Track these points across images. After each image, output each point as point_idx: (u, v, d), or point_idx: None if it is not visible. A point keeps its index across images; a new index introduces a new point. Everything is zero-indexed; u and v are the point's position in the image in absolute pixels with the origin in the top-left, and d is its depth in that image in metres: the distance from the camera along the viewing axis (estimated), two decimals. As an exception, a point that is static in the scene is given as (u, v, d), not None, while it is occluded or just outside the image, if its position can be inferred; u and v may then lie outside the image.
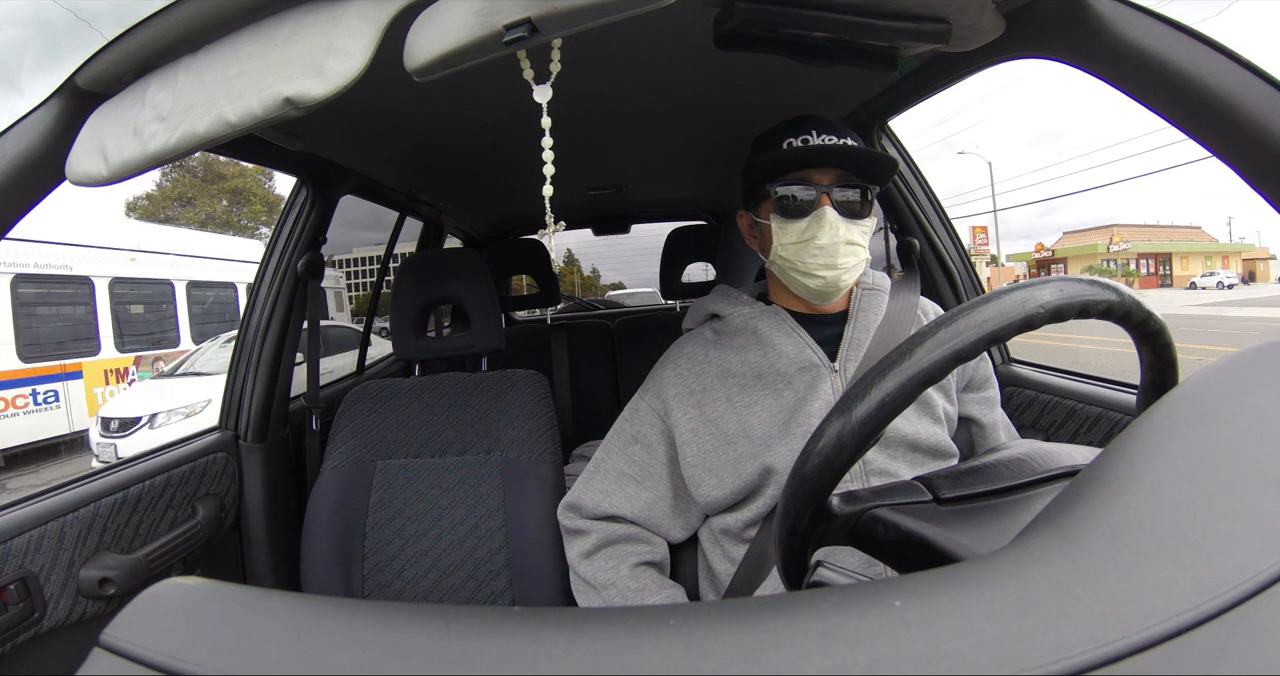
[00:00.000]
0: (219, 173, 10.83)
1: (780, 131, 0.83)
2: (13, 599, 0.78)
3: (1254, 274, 40.68)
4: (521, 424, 1.14)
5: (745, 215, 0.89)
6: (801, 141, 0.81)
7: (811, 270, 0.79)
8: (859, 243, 0.80)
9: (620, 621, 0.24)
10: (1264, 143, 0.53)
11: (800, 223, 0.79)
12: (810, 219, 0.79)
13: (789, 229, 0.80)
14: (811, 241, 0.79)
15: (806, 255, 0.79)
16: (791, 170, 0.80)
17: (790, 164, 0.80)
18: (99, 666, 0.25)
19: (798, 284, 0.83)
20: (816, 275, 0.80)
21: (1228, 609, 0.22)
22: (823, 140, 0.80)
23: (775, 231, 0.81)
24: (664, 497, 0.87)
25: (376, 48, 0.53)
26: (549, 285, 2.40)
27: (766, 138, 0.86)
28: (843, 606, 0.24)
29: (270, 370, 1.25)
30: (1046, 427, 1.10)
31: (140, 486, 0.98)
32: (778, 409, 0.80)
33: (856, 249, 0.80)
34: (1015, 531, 0.31)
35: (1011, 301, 0.40)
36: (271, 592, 0.29)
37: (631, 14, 0.47)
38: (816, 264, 0.79)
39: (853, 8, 0.64)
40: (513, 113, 1.14)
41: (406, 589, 1.07)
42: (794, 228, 0.80)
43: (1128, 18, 0.59)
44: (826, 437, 0.41)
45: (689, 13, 0.66)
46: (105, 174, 0.61)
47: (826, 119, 0.83)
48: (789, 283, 0.84)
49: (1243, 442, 0.30)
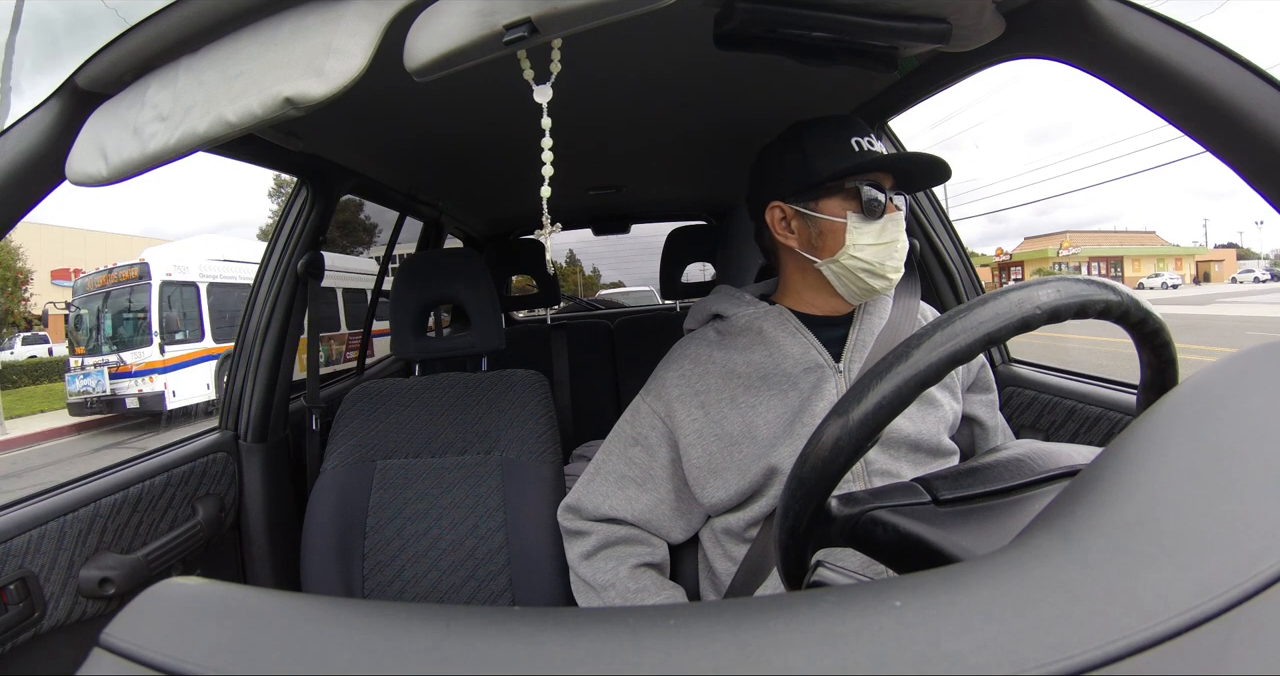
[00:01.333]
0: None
1: (838, 128, 0.83)
2: (13, 599, 0.78)
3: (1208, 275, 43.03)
4: (521, 424, 1.14)
5: (779, 207, 0.85)
6: (868, 144, 0.81)
7: (886, 272, 0.80)
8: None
9: (620, 621, 0.24)
10: (1264, 143, 0.53)
11: (877, 224, 0.80)
12: (885, 220, 0.80)
13: (866, 230, 0.79)
14: (893, 243, 0.80)
15: (886, 257, 0.80)
16: (869, 172, 0.80)
17: (873, 167, 0.80)
18: (99, 666, 0.25)
19: (860, 284, 0.81)
20: (888, 277, 0.81)
21: (1228, 609, 0.22)
22: (878, 146, 0.82)
23: (851, 230, 0.79)
24: (665, 500, 0.87)
25: (376, 48, 0.53)
26: (549, 285, 2.40)
27: (818, 132, 0.83)
28: (843, 606, 0.24)
29: (270, 370, 1.25)
30: (1046, 427, 1.10)
31: (140, 486, 0.98)
32: (783, 409, 0.80)
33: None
34: (1014, 532, 0.31)
35: (1008, 303, 0.40)
36: (271, 592, 0.29)
37: (631, 14, 0.47)
38: (892, 266, 0.80)
39: (852, 8, 0.64)
40: (513, 113, 1.14)
41: (406, 589, 1.07)
42: (871, 229, 0.79)
43: (1128, 18, 0.59)
44: (825, 440, 0.41)
45: (689, 13, 0.66)
46: (105, 174, 0.61)
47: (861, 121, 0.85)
48: (849, 282, 0.82)
49: (1243, 442, 0.30)
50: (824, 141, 0.82)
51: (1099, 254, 39.35)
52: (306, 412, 1.36)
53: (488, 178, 1.71)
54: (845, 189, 0.80)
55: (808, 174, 0.82)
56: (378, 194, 1.61)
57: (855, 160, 0.80)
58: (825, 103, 1.17)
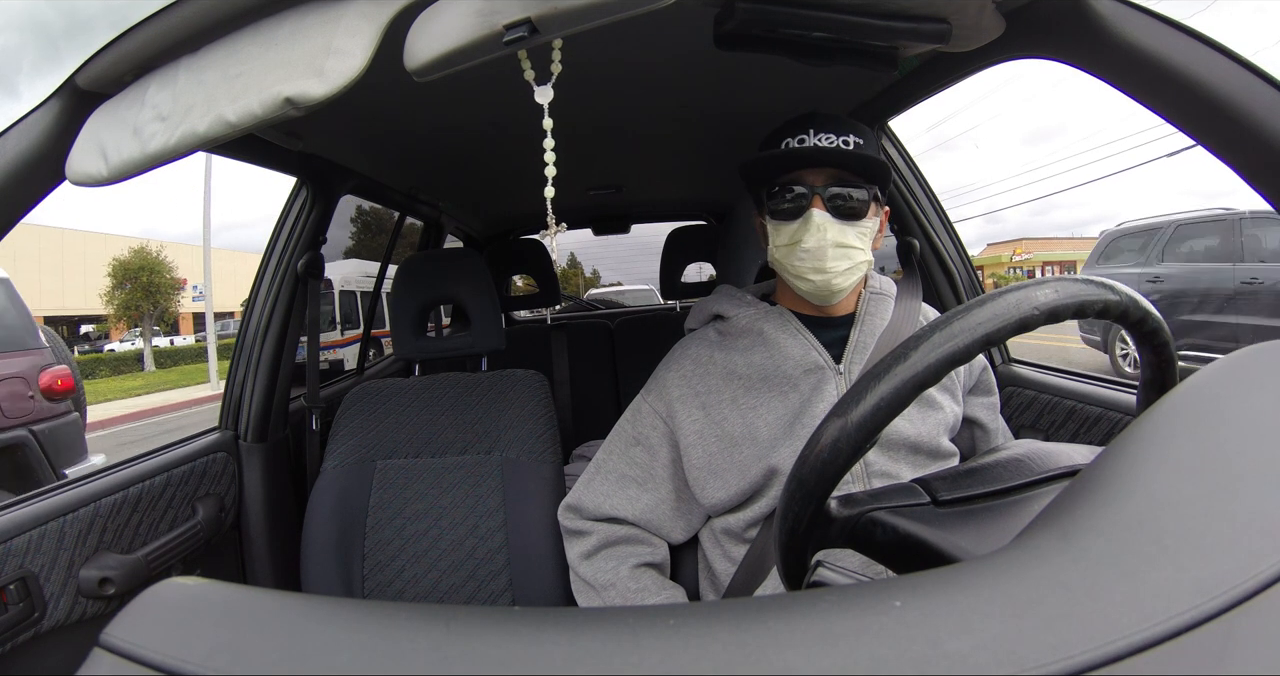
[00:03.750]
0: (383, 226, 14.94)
1: (782, 131, 0.82)
2: (13, 599, 0.78)
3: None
4: (521, 424, 1.14)
5: (756, 215, 0.89)
6: (798, 141, 0.79)
7: (802, 273, 0.79)
8: (853, 244, 0.78)
9: (620, 621, 0.24)
10: (1264, 142, 0.53)
11: (791, 225, 0.79)
12: (800, 221, 0.78)
13: (781, 231, 0.80)
14: (798, 245, 0.78)
15: (794, 258, 0.79)
16: (785, 172, 0.80)
17: (781, 165, 0.80)
18: (99, 666, 0.25)
19: (795, 286, 0.83)
20: (807, 278, 0.79)
21: (1228, 609, 0.22)
22: (819, 139, 0.78)
23: (770, 233, 0.82)
24: (665, 500, 0.87)
25: (376, 48, 0.53)
26: (549, 285, 2.40)
27: (770, 138, 0.85)
28: (843, 606, 0.24)
29: (270, 370, 1.25)
30: (1046, 428, 1.10)
31: (140, 486, 0.98)
32: (783, 411, 0.80)
33: (850, 252, 0.78)
34: (1014, 532, 0.31)
35: (1006, 303, 0.40)
36: (271, 592, 0.29)
37: (632, 14, 0.47)
38: (805, 267, 0.79)
39: (853, 8, 0.64)
40: (513, 113, 1.14)
41: (406, 589, 1.07)
42: (785, 230, 0.80)
43: (1128, 17, 0.59)
44: (824, 441, 0.41)
45: (689, 13, 0.66)
46: (105, 174, 0.61)
47: (831, 116, 0.81)
48: (790, 284, 0.84)
49: (1243, 442, 0.30)
50: (768, 142, 0.84)
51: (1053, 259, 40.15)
52: (306, 412, 1.36)
53: (488, 178, 1.71)
54: (772, 192, 0.81)
55: (747, 183, 0.85)
56: (378, 194, 1.61)
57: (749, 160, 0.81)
58: (825, 102, 1.17)
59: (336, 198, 1.37)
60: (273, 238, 1.31)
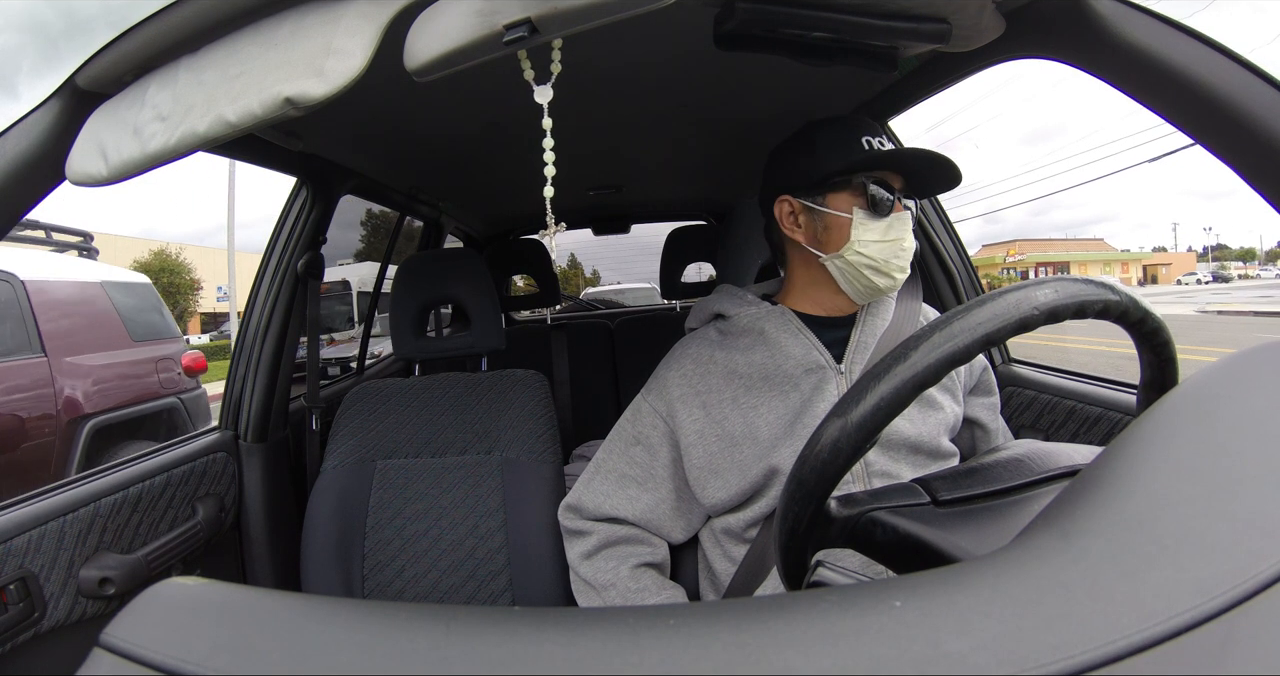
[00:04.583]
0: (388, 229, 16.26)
1: (850, 127, 0.83)
2: (13, 599, 0.78)
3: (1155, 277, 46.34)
4: (521, 424, 1.14)
5: (787, 201, 0.85)
6: (879, 143, 0.81)
7: (891, 271, 0.80)
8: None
9: (620, 621, 0.24)
10: (1264, 142, 0.53)
11: (883, 221, 0.79)
12: (893, 219, 0.79)
13: (872, 226, 0.79)
14: (898, 242, 0.79)
15: (891, 255, 0.80)
16: (877, 169, 0.80)
17: (879, 163, 0.80)
18: (99, 666, 0.25)
19: (864, 281, 0.81)
20: (893, 276, 0.80)
21: (1228, 609, 0.22)
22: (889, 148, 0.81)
23: (856, 226, 0.80)
24: (665, 500, 0.87)
25: (376, 48, 0.53)
26: (549, 285, 2.40)
27: (830, 129, 0.83)
28: (843, 606, 0.24)
29: (270, 370, 1.25)
30: (1046, 428, 1.10)
31: (140, 486, 0.98)
32: (784, 410, 0.80)
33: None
34: (1014, 532, 0.31)
35: (1006, 304, 0.40)
36: (271, 592, 0.29)
37: (632, 14, 0.47)
38: (897, 265, 0.80)
39: (853, 8, 0.64)
40: (513, 113, 1.14)
41: (406, 589, 1.07)
42: (877, 226, 0.79)
43: (1128, 17, 0.59)
44: (824, 441, 0.41)
45: (689, 13, 0.66)
46: (105, 174, 0.61)
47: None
48: (854, 279, 0.82)
49: (1243, 442, 0.30)
50: (835, 138, 0.82)
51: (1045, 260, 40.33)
52: (306, 412, 1.36)
53: (487, 178, 1.71)
54: (853, 185, 0.80)
55: (817, 168, 0.82)
56: (378, 194, 1.61)
57: (864, 156, 0.80)
58: (825, 103, 1.17)
59: (336, 198, 1.37)
60: (273, 238, 1.31)
